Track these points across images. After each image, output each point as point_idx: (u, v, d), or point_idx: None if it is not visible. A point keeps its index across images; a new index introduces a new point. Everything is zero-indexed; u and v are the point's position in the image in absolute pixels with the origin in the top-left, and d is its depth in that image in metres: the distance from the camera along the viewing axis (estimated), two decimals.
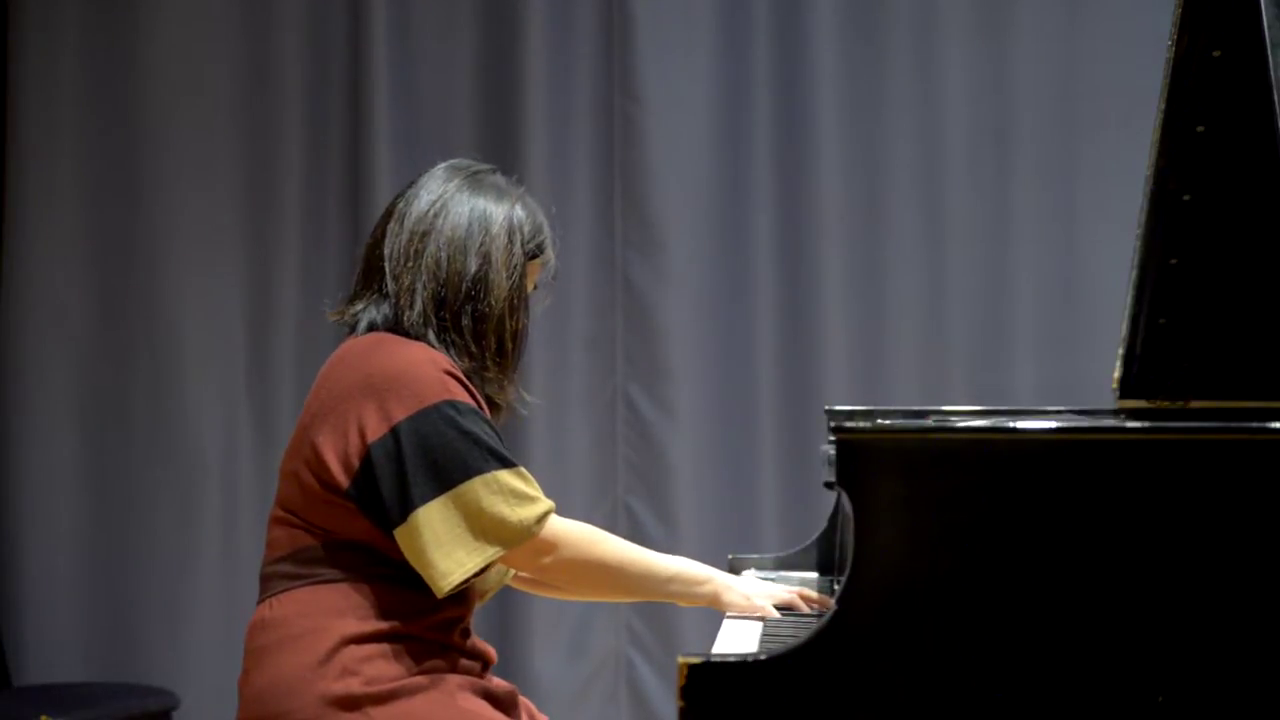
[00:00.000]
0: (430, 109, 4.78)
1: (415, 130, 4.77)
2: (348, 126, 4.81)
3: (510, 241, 2.58)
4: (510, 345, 2.58)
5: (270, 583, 2.52)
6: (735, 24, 4.71)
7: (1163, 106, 2.69)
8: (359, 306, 2.59)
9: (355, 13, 4.79)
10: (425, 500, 2.42)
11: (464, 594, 2.51)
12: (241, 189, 4.83)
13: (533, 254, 2.62)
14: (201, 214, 4.82)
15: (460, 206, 2.58)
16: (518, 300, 2.58)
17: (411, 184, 2.63)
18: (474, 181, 2.62)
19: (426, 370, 2.46)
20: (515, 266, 2.58)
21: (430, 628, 2.48)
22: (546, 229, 2.65)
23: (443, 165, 2.66)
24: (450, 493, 2.42)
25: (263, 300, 4.84)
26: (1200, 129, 2.69)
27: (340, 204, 4.83)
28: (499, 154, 4.69)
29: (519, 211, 2.61)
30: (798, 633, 2.39)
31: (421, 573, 2.43)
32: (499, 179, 2.65)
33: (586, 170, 4.76)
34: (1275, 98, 2.37)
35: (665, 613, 4.67)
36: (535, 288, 2.67)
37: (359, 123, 4.78)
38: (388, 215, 2.61)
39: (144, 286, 4.82)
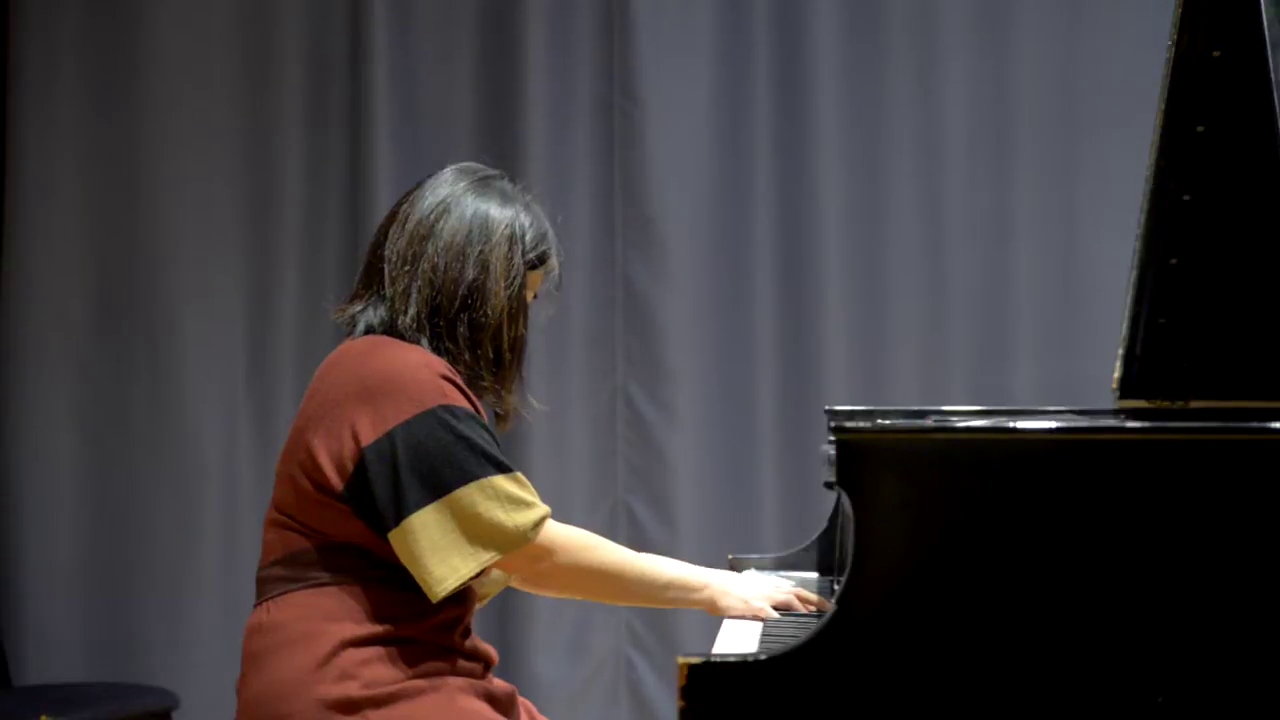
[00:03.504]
0: (430, 109, 4.79)
1: (415, 130, 4.77)
2: (348, 127, 4.81)
3: (511, 249, 2.55)
4: (508, 355, 2.56)
5: (266, 586, 2.52)
6: (735, 24, 4.71)
7: (1163, 106, 2.69)
8: (358, 307, 2.59)
9: (355, 13, 4.79)
10: (420, 505, 2.41)
11: (464, 594, 2.51)
12: (241, 189, 4.83)
13: (534, 263, 2.59)
14: (201, 214, 4.82)
15: (463, 211, 2.56)
16: (516, 309, 2.56)
17: (419, 185, 2.62)
18: (480, 186, 2.59)
19: (422, 375, 2.45)
20: (515, 276, 2.55)
21: (430, 629, 2.47)
22: (551, 238, 2.62)
23: (451, 168, 2.64)
24: (446, 498, 2.42)
25: (263, 300, 4.84)
26: (1200, 129, 2.69)
27: (340, 204, 4.83)
28: (499, 154, 4.69)
29: (523, 219, 2.58)
30: (798, 633, 2.39)
31: (416, 577, 2.43)
32: (506, 185, 2.62)
33: (586, 170, 4.76)
34: (1275, 98, 2.37)
35: (665, 613, 4.67)
36: (536, 297, 2.66)
37: (359, 123, 4.78)
38: (392, 215, 2.60)
39: (144, 286, 4.82)
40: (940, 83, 4.66)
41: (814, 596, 2.74)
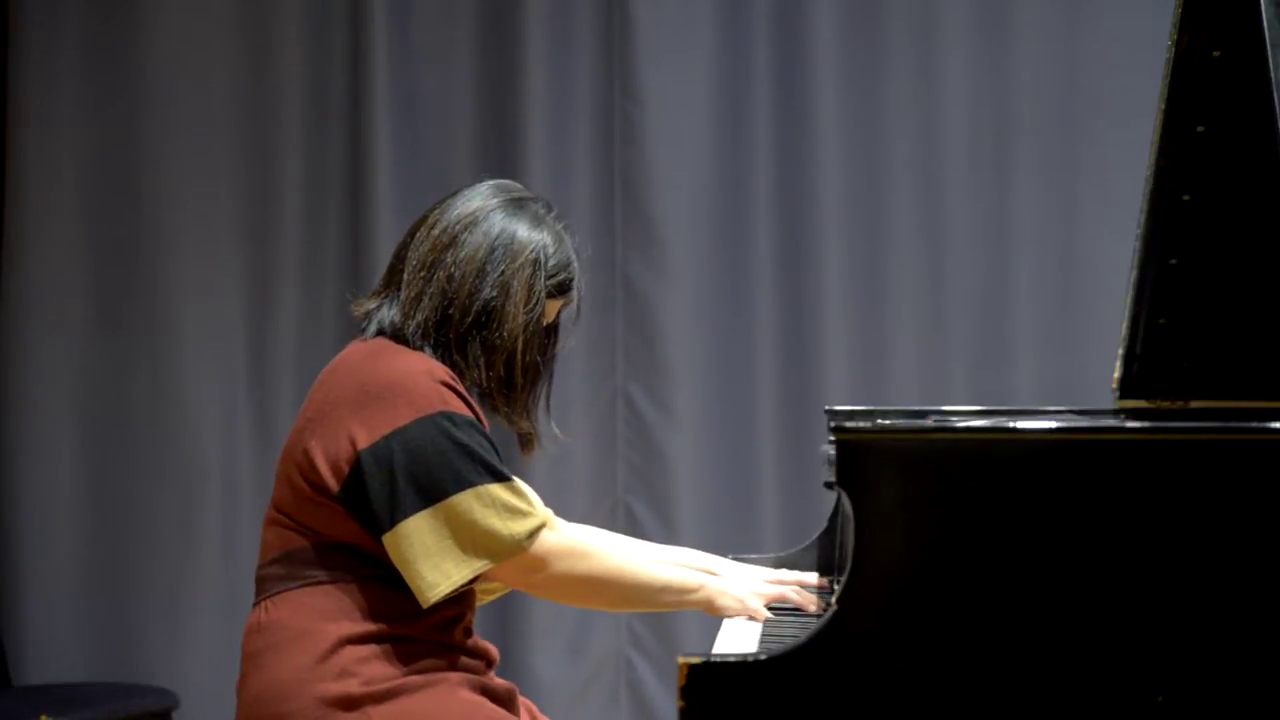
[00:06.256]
0: (430, 108, 4.78)
1: (415, 130, 4.77)
2: (348, 127, 4.81)
3: (534, 275, 2.53)
4: (519, 380, 2.54)
5: (265, 585, 2.52)
6: (735, 24, 4.71)
7: (1163, 106, 2.69)
8: (374, 304, 2.58)
9: (355, 13, 4.79)
10: (415, 510, 2.41)
11: (465, 593, 2.51)
12: (241, 189, 4.83)
13: (553, 292, 2.58)
14: (202, 214, 4.82)
15: (489, 227, 2.54)
16: (531, 335, 2.54)
17: (455, 193, 2.60)
18: (513, 205, 2.57)
19: (423, 381, 2.45)
20: (535, 302, 2.54)
21: (429, 628, 2.47)
22: (575, 270, 2.60)
23: (490, 182, 2.62)
24: (441, 504, 2.41)
25: (263, 300, 4.84)
26: (1200, 129, 2.69)
27: (340, 204, 4.83)
28: (499, 154, 4.70)
29: (549, 244, 2.57)
30: (798, 633, 2.39)
31: (409, 581, 2.43)
32: (539, 208, 2.60)
33: (586, 170, 4.76)
34: (1275, 98, 2.37)
35: (665, 613, 4.67)
36: (553, 325, 2.62)
37: (359, 123, 4.78)
38: (422, 218, 2.58)
39: (144, 286, 4.82)
40: (940, 83, 4.66)
41: (812, 579, 2.77)
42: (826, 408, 3.07)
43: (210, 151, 4.82)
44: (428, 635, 2.47)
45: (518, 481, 2.50)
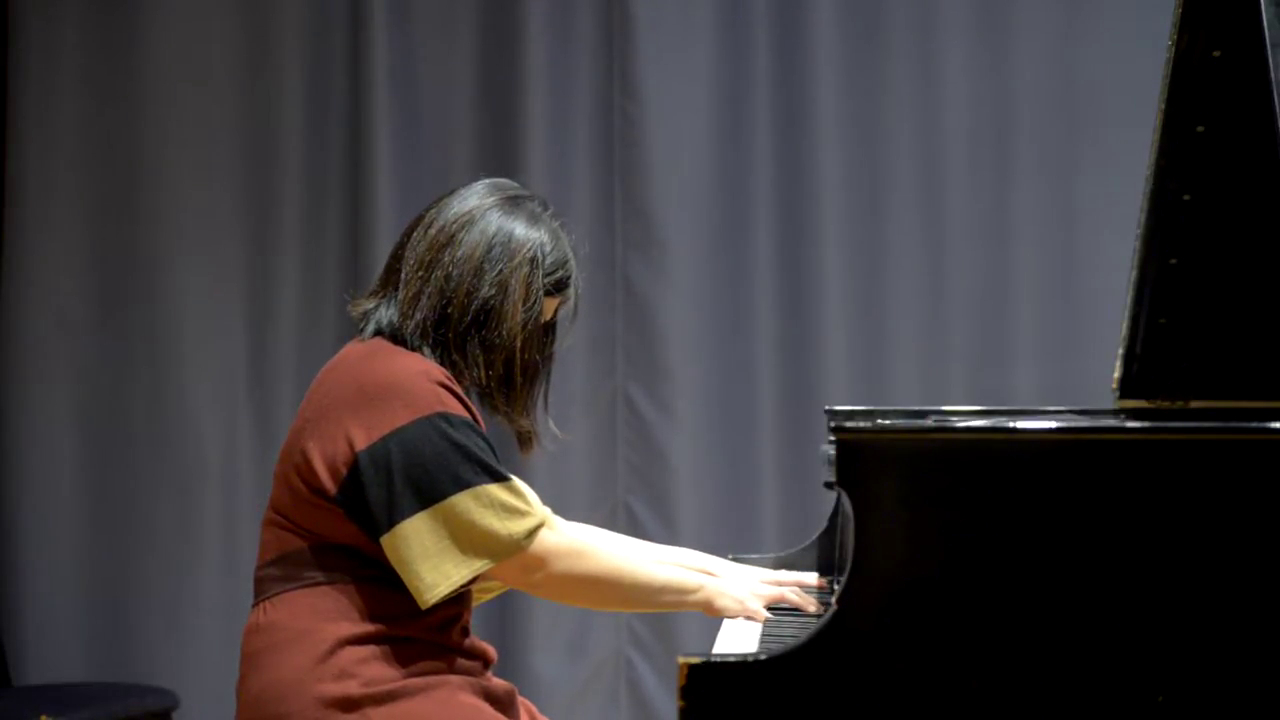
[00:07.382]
0: (431, 108, 4.79)
1: (416, 130, 4.77)
2: (348, 126, 4.81)
3: (532, 273, 2.53)
4: (519, 379, 2.54)
5: (263, 586, 2.52)
6: (735, 24, 4.71)
7: (1163, 106, 2.69)
8: (371, 304, 2.58)
9: (355, 12, 4.79)
10: (414, 511, 2.41)
11: (463, 594, 2.51)
12: (241, 189, 4.84)
13: (550, 289, 2.57)
14: (202, 214, 4.82)
15: (486, 225, 2.53)
16: (531, 334, 2.54)
17: (451, 192, 2.60)
18: (510, 203, 2.57)
19: (420, 382, 2.45)
20: (534, 300, 2.53)
21: (427, 628, 2.47)
22: (572, 267, 2.60)
23: (485, 180, 2.62)
24: (439, 505, 2.41)
25: (263, 300, 4.84)
26: (1200, 129, 2.69)
27: (340, 204, 4.83)
28: (499, 154, 4.70)
29: (546, 242, 2.56)
30: (798, 633, 2.39)
31: (407, 583, 2.42)
32: (536, 206, 2.59)
33: (586, 170, 4.76)
34: (1275, 98, 2.37)
35: (665, 613, 4.67)
36: (552, 323, 2.63)
37: (359, 123, 4.78)
38: (419, 218, 2.58)
39: (144, 286, 4.82)
40: (940, 83, 4.66)
41: (812, 580, 2.77)
42: (826, 408, 3.07)
43: (210, 152, 4.83)
44: (426, 636, 2.47)
45: (516, 481, 2.50)
